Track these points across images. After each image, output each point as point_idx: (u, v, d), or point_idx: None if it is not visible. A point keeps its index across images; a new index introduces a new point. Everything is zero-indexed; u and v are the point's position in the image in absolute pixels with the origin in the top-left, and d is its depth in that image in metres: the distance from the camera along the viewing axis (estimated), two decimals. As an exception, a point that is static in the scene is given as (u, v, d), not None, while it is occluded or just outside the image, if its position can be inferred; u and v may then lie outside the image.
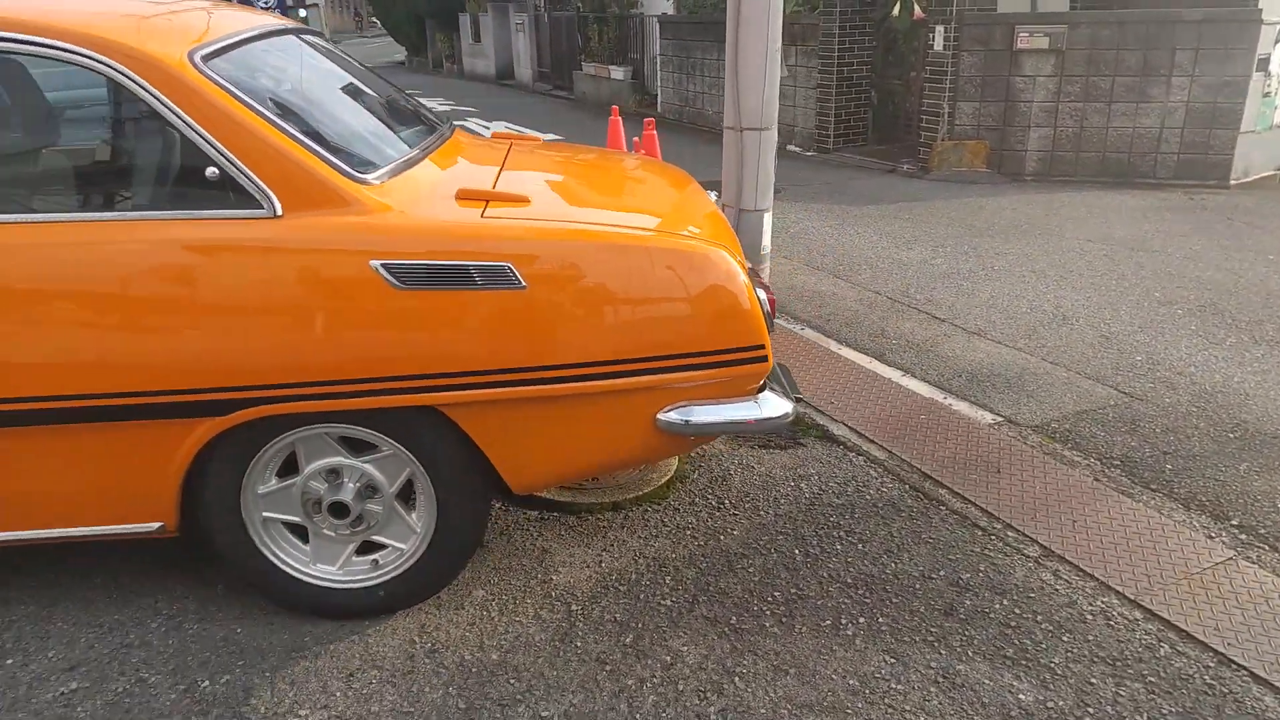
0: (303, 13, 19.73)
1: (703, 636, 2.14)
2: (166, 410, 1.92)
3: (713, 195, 2.87)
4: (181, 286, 1.90)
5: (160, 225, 1.93)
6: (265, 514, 2.11)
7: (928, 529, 2.57)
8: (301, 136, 2.00)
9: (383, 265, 1.92)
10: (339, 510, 2.10)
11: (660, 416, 2.09)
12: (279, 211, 1.94)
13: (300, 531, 2.16)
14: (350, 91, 2.57)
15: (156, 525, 2.06)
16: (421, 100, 2.98)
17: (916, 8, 7.92)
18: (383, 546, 2.18)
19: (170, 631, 2.15)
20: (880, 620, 2.19)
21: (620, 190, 2.73)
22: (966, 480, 2.81)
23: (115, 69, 1.89)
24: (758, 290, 2.16)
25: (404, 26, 22.20)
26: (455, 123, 2.94)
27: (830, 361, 3.79)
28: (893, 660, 2.06)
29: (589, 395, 2.05)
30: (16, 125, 2.35)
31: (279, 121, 1.99)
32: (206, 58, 2.00)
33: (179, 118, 1.91)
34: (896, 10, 8.11)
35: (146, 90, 1.90)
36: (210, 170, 1.93)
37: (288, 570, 2.15)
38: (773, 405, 2.19)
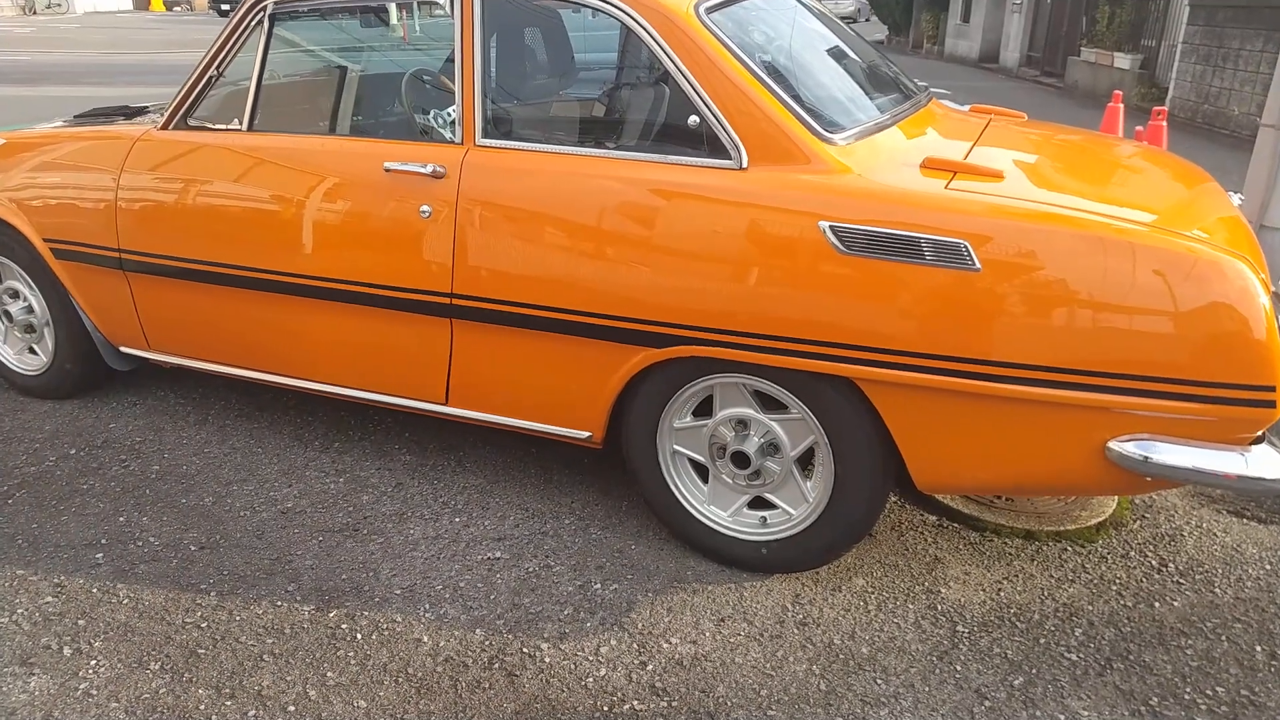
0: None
1: (1110, 707, 1.81)
2: (616, 334, 2.09)
3: (1235, 198, 2.37)
4: (646, 224, 2.04)
5: (638, 165, 2.08)
6: (676, 447, 2.22)
7: None
8: (780, 93, 2.01)
9: (830, 227, 1.87)
10: (740, 460, 2.13)
11: (1113, 445, 1.78)
12: (744, 164, 1.99)
13: (702, 471, 2.25)
14: (831, 52, 2.54)
15: (586, 434, 2.28)
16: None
17: None
18: (773, 506, 2.18)
19: (578, 531, 2.38)
20: (1371, 772, 1.67)
21: (1113, 178, 2.37)
22: None
23: (629, 15, 2.07)
24: (1280, 319, 1.73)
25: (891, 4, 21.89)
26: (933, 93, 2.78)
27: (1355, 431, 2.97)
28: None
29: (1030, 402, 1.81)
30: (542, 67, 2.71)
31: (763, 77, 2.02)
32: (709, 10, 2.10)
33: (676, 66, 2.03)
34: None
35: (652, 37, 2.05)
36: (692, 119, 2.04)
37: (684, 503, 2.24)
38: (1267, 464, 1.76)
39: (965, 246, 1.80)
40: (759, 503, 2.20)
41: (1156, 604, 2.12)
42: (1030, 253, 1.78)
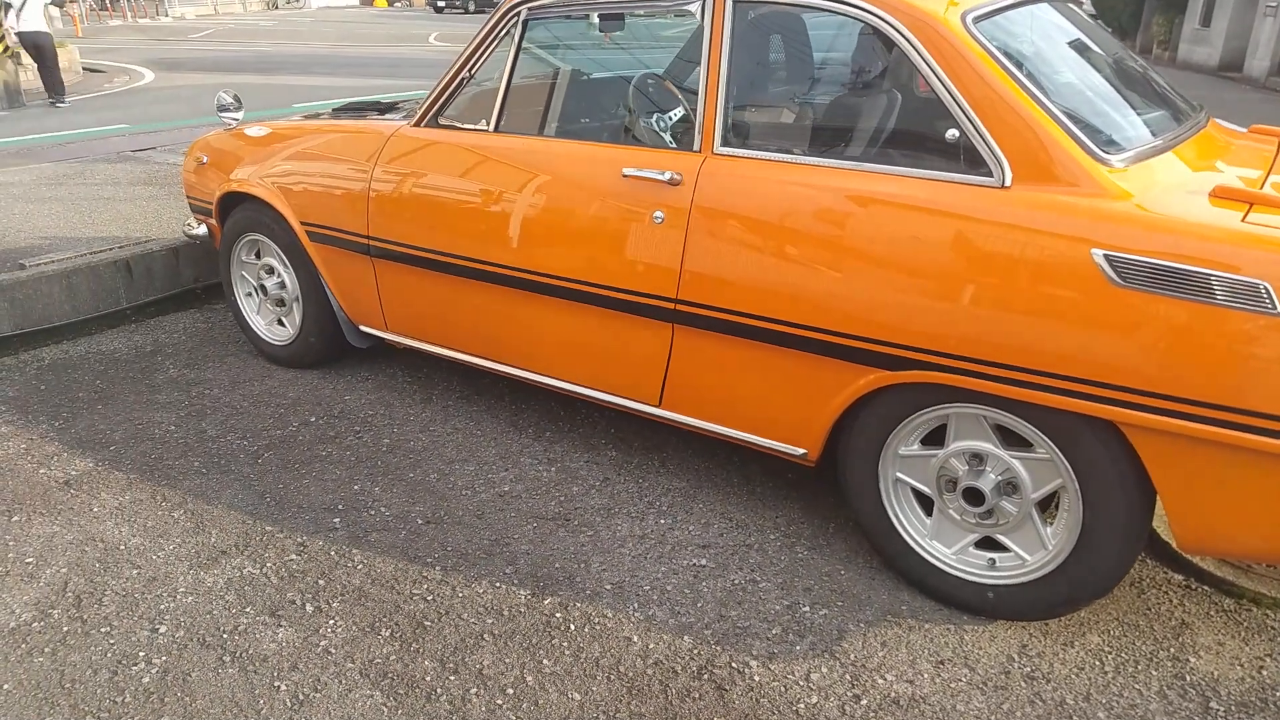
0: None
1: (1406, 828, 1.58)
2: (846, 352, 2.03)
3: None
4: (889, 240, 1.96)
5: (884, 179, 2.00)
6: (898, 474, 2.13)
7: None
8: (1053, 109, 1.88)
9: (1105, 256, 1.73)
10: (973, 496, 2.01)
11: None
12: (1007, 182, 1.87)
13: (925, 503, 2.15)
14: (1099, 66, 2.36)
15: (801, 451, 2.23)
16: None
17: None
18: (1004, 549, 2.05)
19: (784, 549, 2.34)
20: None
21: None
22: None
23: (888, 22, 1.99)
24: None
25: (1118, 6, 20.28)
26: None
27: None
28: None
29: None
30: (783, 74, 2.66)
31: (1034, 92, 1.90)
32: (976, 19, 1.99)
33: (937, 76, 1.93)
34: None
35: (913, 45, 1.96)
36: (951, 132, 1.94)
37: (903, 534, 2.15)
38: None
39: (1266, 289, 1.61)
40: (987, 542, 2.08)
41: None
42: (1347, 300, 1.57)
